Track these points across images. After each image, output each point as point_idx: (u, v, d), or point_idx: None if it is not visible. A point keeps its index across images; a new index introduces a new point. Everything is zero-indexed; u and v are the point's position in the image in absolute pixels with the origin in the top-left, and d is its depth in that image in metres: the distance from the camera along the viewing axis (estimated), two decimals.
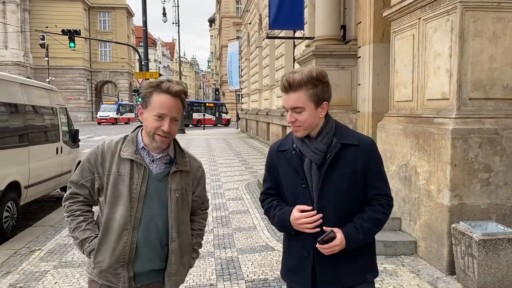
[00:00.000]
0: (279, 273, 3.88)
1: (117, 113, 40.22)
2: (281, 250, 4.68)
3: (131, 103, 45.07)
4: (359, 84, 7.09)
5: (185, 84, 1.87)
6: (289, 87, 1.58)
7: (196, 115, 38.17)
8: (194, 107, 39.20)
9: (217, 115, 41.33)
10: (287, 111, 1.63)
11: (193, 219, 1.92)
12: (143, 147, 1.73)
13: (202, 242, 2.01)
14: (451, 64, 3.69)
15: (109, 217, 1.69)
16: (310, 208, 1.61)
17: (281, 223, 1.70)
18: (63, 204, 1.79)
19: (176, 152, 1.80)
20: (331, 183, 1.60)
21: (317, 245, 1.56)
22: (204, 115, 37.72)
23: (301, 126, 1.61)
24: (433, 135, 3.84)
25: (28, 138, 5.90)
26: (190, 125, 36.55)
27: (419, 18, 4.20)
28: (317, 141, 1.62)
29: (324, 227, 1.59)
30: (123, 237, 1.67)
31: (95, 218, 1.81)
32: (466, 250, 3.33)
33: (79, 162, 4.16)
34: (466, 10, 3.60)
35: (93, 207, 1.84)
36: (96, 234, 1.72)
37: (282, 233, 1.80)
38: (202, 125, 35.17)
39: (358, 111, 7.16)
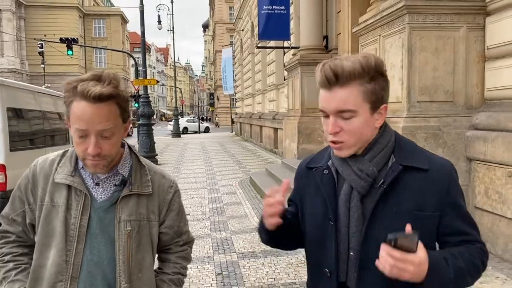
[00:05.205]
0: (265, 247, 4.68)
1: None
2: None
3: None
4: None
5: (122, 76, 1.29)
6: (335, 79, 1.04)
7: None
8: None
9: None
10: (327, 116, 1.08)
11: (166, 259, 1.43)
12: (83, 166, 1.27)
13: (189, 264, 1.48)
14: (403, 74, 4.51)
15: (38, 264, 1.26)
16: (288, 181, 1.12)
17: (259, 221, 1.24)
18: None
19: (133, 169, 1.32)
20: (383, 224, 1.05)
21: (383, 246, 0.93)
22: None
23: (346, 142, 1.07)
24: None
25: (44, 141, 6.68)
26: None
27: (380, 35, 5.03)
28: (363, 160, 1.09)
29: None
30: None
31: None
32: None
33: None
34: (413, 29, 4.43)
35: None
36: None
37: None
38: None
39: None
